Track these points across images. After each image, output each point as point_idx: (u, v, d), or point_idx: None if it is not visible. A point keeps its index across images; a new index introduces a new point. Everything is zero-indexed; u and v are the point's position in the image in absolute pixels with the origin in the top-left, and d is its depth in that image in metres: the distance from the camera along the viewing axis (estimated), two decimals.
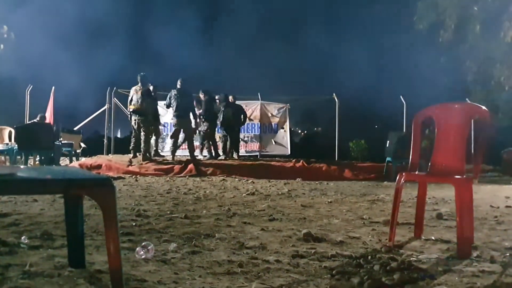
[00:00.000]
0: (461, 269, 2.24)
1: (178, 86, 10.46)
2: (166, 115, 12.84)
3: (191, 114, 10.59)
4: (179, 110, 10.31)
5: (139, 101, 9.84)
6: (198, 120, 11.20)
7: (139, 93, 9.90)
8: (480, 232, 3.27)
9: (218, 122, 11.24)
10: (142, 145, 10.06)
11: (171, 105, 10.41)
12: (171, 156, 10.72)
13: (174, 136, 10.76)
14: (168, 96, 10.50)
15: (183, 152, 12.11)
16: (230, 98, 11.64)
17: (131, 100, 9.99)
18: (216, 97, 11.46)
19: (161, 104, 11.55)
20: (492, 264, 2.34)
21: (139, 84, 10.01)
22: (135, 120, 9.97)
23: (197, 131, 11.38)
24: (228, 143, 11.63)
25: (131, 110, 10.01)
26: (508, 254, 2.57)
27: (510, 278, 2.11)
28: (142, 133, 9.99)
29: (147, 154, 10.17)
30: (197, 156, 11.11)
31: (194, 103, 10.99)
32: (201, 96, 11.12)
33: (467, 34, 13.97)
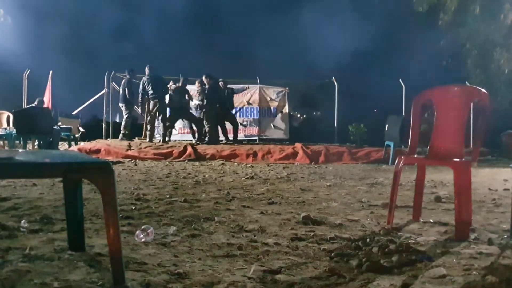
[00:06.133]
0: (459, 251, 2.26)
1: (147, 73, 10.74)
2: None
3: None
4: (155, 93, 10.61)
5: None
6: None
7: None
8: (478, 215, 3.29)
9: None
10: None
11: (147, 91, 10.68)
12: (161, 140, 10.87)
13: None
14: (141, 83, 10.83)
15: (182, 137, 12.39)
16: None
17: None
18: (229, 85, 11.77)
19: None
20: (490, 246, 2.36)
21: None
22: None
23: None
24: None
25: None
26: (505, 236, 2.59)
27: (508, 260, 2.13)
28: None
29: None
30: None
31: (197, 91, 11.38)
32: (205, 80, 11.14)
33: (467, 16, 13.83)
